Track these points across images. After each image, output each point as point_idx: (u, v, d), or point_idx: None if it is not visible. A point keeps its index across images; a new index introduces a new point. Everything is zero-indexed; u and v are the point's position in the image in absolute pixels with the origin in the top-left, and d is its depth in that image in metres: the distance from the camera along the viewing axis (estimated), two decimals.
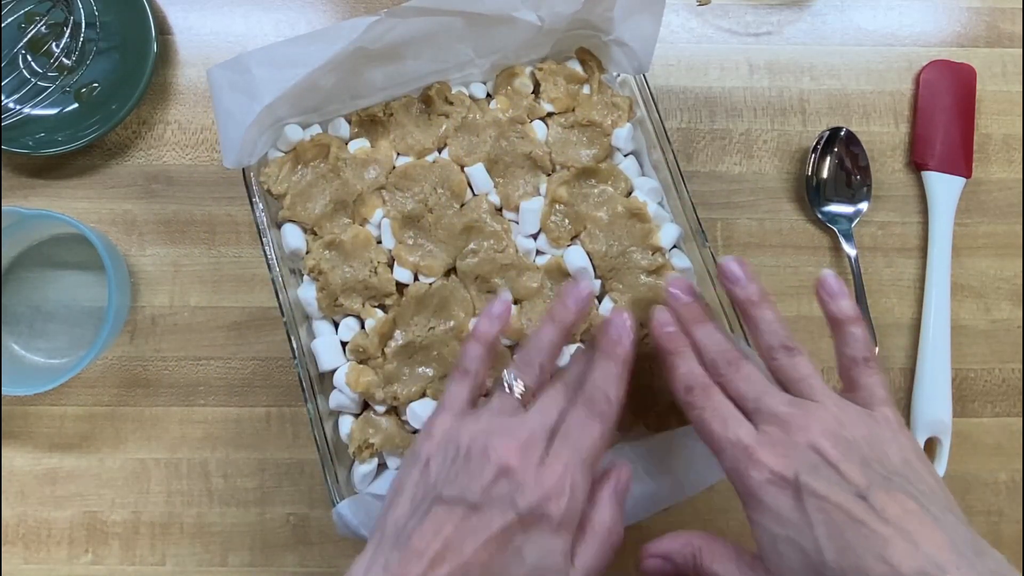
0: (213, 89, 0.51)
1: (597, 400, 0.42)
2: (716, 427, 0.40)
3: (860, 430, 0.39)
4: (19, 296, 0.62)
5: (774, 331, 0.43)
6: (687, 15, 0.68)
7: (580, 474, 0.40)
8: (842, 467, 0.37)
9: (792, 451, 0.38)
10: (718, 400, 0.41)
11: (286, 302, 0.52)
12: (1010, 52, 0.67)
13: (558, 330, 0.45)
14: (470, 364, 0.44)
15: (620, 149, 0.57)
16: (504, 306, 0.46)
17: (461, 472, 0.39)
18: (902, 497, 0.36)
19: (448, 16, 0.52)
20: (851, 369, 0.42)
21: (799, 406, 0.40)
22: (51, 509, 0.59)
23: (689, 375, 0.43)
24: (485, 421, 0.41)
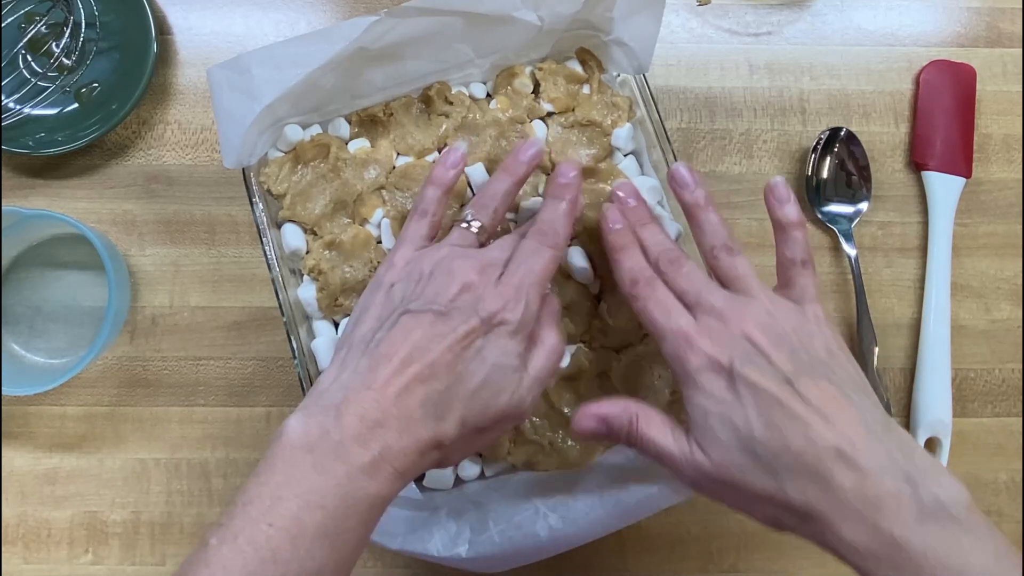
0: (213, 89, 0.51)
1: (547, 232, 0.45)
2: (659, 316, 0.43)
3: (790, 323, 0.42)
4: (19, 296, 0.62)
5: (716, 232, 0.46)
6: (687, 15, 0.68)
7: (533, 291, 0.43)
8: (772, 355, 0.40)
9: (728, 340, 0.41)
10: (661, 292, 0.44)
11: (286, 302, 0.52)
12: (1010, 52, 0.67)
13: (512, 179, 0.48)
14: (428, 205, 0.48)
15: (620, 149, 0.57)
16: (458, 154, 0.49)
17: (427, 288, 0.43)
18: (824, 383, 0.40)
19: (448, 16, 0.52)
20: (789, 269, 0.45)
21: (735, 300, 0.43)
22: (51, 509, 0.59)
23: (635, 269, 0.46)
24: (446, 250, 0.45)
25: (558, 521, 0.50)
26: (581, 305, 0.53)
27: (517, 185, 0.49)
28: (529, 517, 0.49)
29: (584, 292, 0.54)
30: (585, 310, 0.53)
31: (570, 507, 0.50)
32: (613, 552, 0.59)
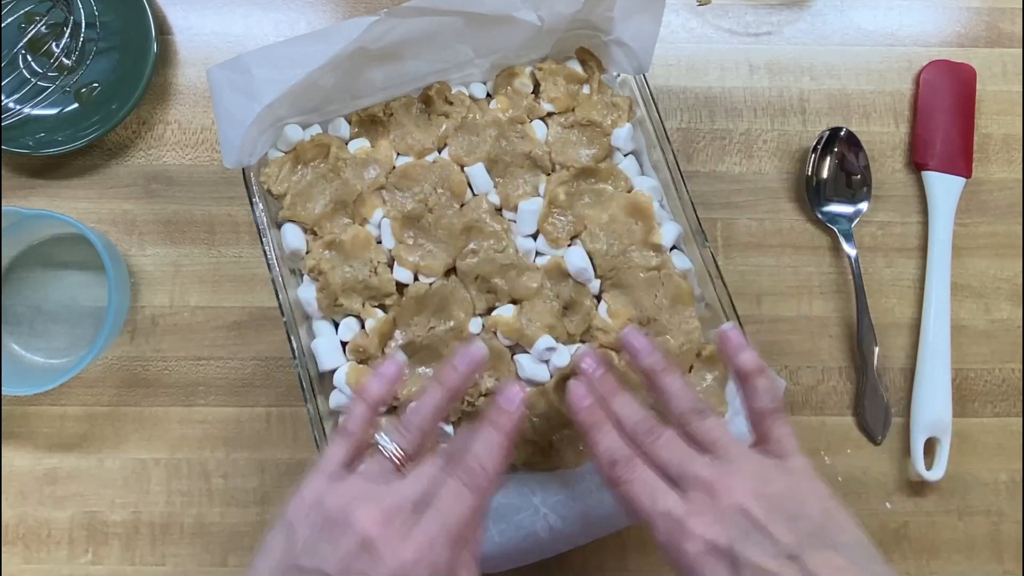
0: (213, 89, 0.51)
1: (474, 471, 0.41)
2: (645, 501, 0.40)
3: (780, 483, 0.40)
4: (19, 296, 0.62)
5: (682, 396, 0.43)
6: (687, 15, 0.68)
7: (444, 549, 0.38)
8: (771, 528, 0.38)
9: (722, 517, 0.38)
10: (643, 472, 0.41)
11: (286, 302, 0.52)
12: (1010, 52, 0.67)
13: (444, 393, 0.44)
14: (353, 425, 0.43)
15: (620, 149, 0.57)
16: (396, 367, 0.45)
17: (323, 541, 0.38)
18: (830, 554, 0.37)
19: (448, 16, 0.52)
20: (761, 421, 0.43)
21: (720, 468, 0.40)
22: (51, 509, 0.59)
23: (612, 449, 0.42)
24: (355, 486, 0.40)
25: (558, 521, 0.50)
26: (581, 305, 0.53)
27: (451, 399, 0.44)
28: (529, 517, 0.49)
29: (584, 292, 0.54)
30: (585, 310, 0.53)
31: (570, 507, 0.50)
32: (613, 552, 0.59)
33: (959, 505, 0.61)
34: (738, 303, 0.54)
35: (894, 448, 0.61)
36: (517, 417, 0.43)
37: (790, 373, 0.62)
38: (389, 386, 0.45)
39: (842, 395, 0.62)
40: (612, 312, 0.53)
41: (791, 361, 0.62)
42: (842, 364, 0.62)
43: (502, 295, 0.53)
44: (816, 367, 0.62)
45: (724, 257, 0.63)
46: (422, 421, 0.43)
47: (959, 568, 0.60)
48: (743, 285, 0.63)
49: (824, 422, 0.61)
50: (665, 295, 0.53)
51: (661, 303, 0.53)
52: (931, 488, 0.61)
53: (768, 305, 0.63)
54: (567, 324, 0.53)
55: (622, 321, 0.53)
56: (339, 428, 0.43)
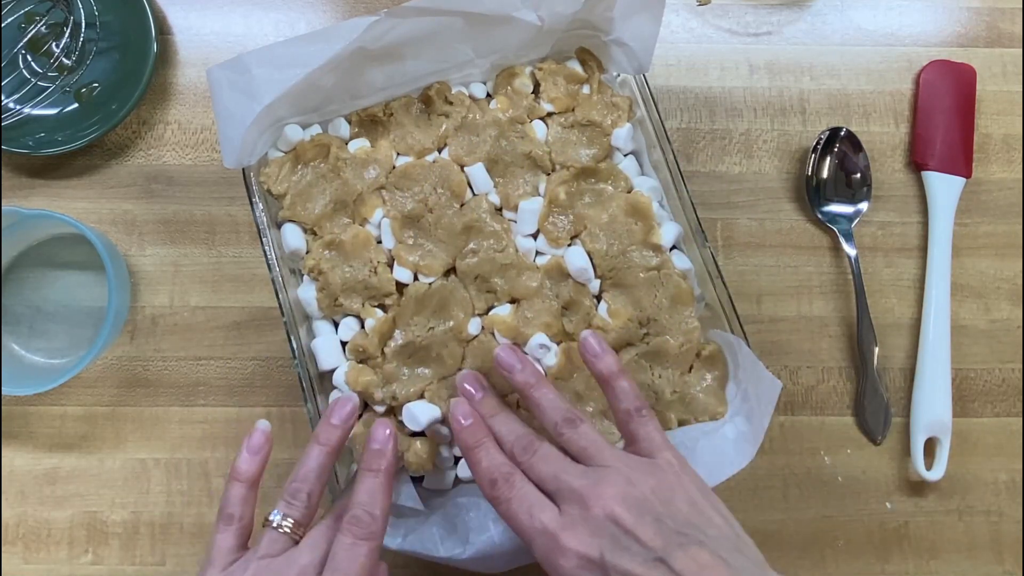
0: (213, 89, 0.51)
1: (361, 520, 0.42)
2: (523, 518, 0.41)
3: (648, 483, 0.41)
4: (19, 296, 0.62)
5: (554, 407, 0.45)
6: (687, 15, 0.68)
7: None
8: (638, 533, 0.39)
9: (593, 528, 0.39)
10: (521, 488, 0.42)
11: (286, 302, 0.52)
12: (1010, 52, 0.67)
13: (324, 452, 0.45)
14: (233, 508, 0.44)
15: (620, 149, 0.57)
16: (262, 437, 0.46)
17: None
18: (695, 551, 0.38)
19: (448, 16, 0.52)
20: (628, 423, 0.45)
21: (592, 476, 0.41)
22: (51, 509, 0.59)
23: (491, 467, 0.43)
24: (253, 569, 0.41)
25: None
26: (581, 305, 0.53)
27: (332, 456, 0.46)
28: None
29: (584, 292, 0.54)
30: (585, 310, 0.53)
31: None
32: None
33: (959, 505, 0.61)
34: (738, 303, 0.54)
35: (894, 448, 0.61)
36: (391, 455, 0.45)
37: (790, 373, 0.62)
38: (260, 458, 0.46)
39: (842, 395, 0.62)
40: (612, 312, 0.53)
41: (791, 361, 0.62)
42: (842, 364, 0.62)
43: (502, 295, 0.53)
44: (816, 367, 0.62)
45: (724, 257, 0.63)
46: (308, 485, 0.44)
47: (959, 568, 0.60)
48: (743, 285, 0.63)
49: (824, 422, 0.61)
50: (665, 295, 0.53)
51: (661, 303, 0.53)
52: (931, 488, 0.61)
53: (768, 305, 0.63)
54: (566, 324, 0.53)
55: (622, 321, 0.53)
56: (220, 515, 0.44)
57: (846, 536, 0.60)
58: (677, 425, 0.53)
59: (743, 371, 0.53)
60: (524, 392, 0.46)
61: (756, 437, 0.51)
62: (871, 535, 0.60)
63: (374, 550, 0.42)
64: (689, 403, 0.53)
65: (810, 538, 0.60)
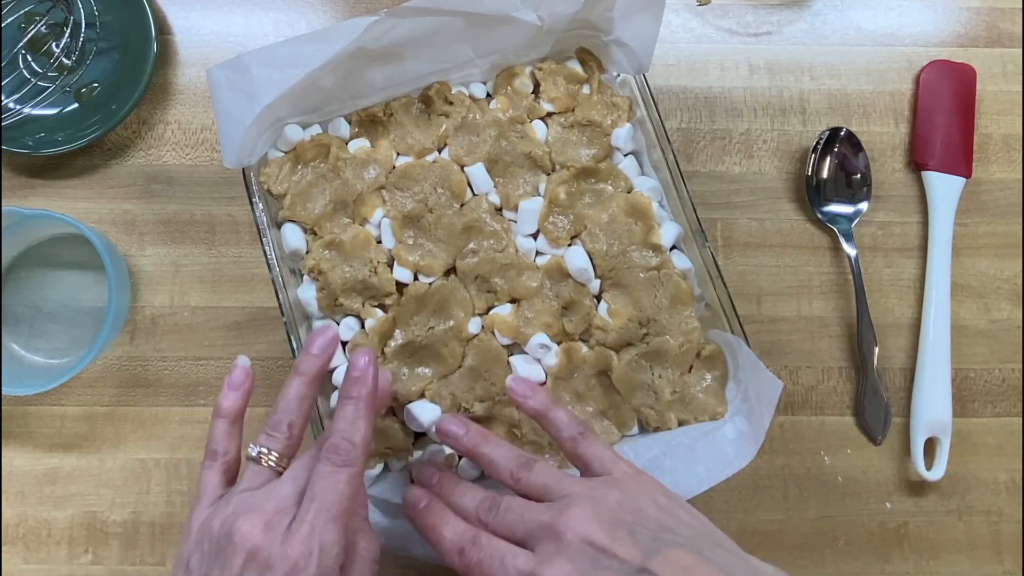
0: (213, 89, 0.51)
1: (340, 448, 0.42)
2: (496, 569, 0.40)
3: (612, 497, 0.41)
4: (19, 296, 0.62)
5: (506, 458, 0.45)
6: (687, 15, 0.68)
7: (330, 531, 0.39)
8: (616, 551, 0.39)
9: (569, 555, 0.39)
10: (488, 544, 0.41)
11: (286, 302, 0.52)
12: (1010, 52, 0.67)
13: (305, 382, 0.45)
14: (217, 444, 0.44)
15: (620, 149, 0.57)
16: (242, 374, 0.46)
17: (214, 566, 0.39)
18: (676, 553, 0.38)
19: (448, 16, 0.52)
20: (574, 449, 0.45)
21: (556, 507, 0.41)
22: (51, 509, 0.59)
23: (455, 539, 0.43)
24: (235, 502, 0.41)
25: None
26: (581, 305, 0.53)
27: (313, 385, 0.45)
28: None
29: (584, 292, 0.54)
30: (585, 310, 0.53)
31: None
32: None
33: (959, 505, 0.61)
34: (738, 303, 0.54)
35: (894, 448, 0.61)
36: (370, 382, 0.44)
37: (790, 373, 0.62)
38: (242, 395, 0.46)
39: (842, 395, 0.62)
40: (612, 312, 0.53)
41: (791, 361, 0.62)
42: (842, 364, 0.62)
43: (502, 295, 0.53)
44: (816, 367, 0.62)
45: (724, 257, 0.63)
46: (289, 416, 0.44)
47: (959, 568, 0.60)
48: (743, 285, 0.63)
49: (824, 422, 0.61)
50: (665, 295, 0.53)
51: (661, 303, 0.53)
52: (931, 488, 0.61)
53: (768, 305, 0.63)
54: (566, 324, 0.53)
55: (622, 321, 0.53)
56: (206, 452, 0.44)
57: (846, 536, 0.60)
58: (677, 425, 0.53)
59: (743, 371, 0.53)
60: (472, 454, 0.46)
61: (756, 437, 0.51)
62: (871, 535, 0.60)
63: (354, 477, 0.41)
64: (689, 403, 0.53)
65: (810, 538, 0.60)
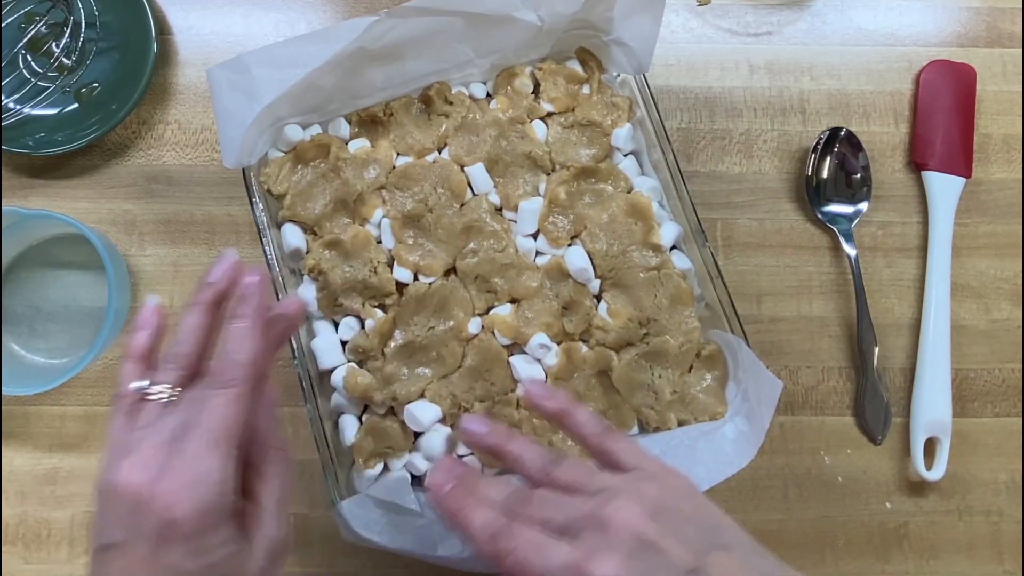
0: (213, 89, 0.51)
1: (224, 367, 0.39)
2: (535, 559, 0.37)
3: (652, 491, 0.39)
4: (19, 296, 0.62)
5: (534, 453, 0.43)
6: (687, 15, 0.68)
7: (211, 457, 0.37)
8: (664, 545, 0.37)
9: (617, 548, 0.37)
10: (525, 533, 0.38)
11: None
12: (1010, 52, 0.67)
13: (199, 311, 0.42)
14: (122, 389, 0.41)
15: (620, 149, 0.57)
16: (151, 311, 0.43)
17: (106, 513, 0.37)
18: (723, 557, 0.37)
19: (448, 16, 0.52)
20: (601, 445, 0.42)
21: (595, 500, 0.39)
22: (51, 509, 0.59)
23: (486, 524, 0.40)
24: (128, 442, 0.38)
25: None
26: (581, 305, 0.53)
27: (208, 313, 0.42)
28: None
29: (584, 292, 0.54)
30: (585, 310, 0.53)
31: None
32: None
33: (959, 505, 0.61)
34: (738, 303, 0.54)
35: (894, 448, 0.61)
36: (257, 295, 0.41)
37: (790, 373, 0.62)
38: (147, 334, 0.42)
39: (842, 395, 0.62)
40: (612, 312, 0.53)
41: (791, 361, 0.62)
42: (842, 364, 0.62)
43: (502, 295, 0.53)
44: (816, 367, 0.62)
45: (724, 257, 0.63)
46: (185, 346, 0.41)
47: (959, 568, 0.60)
48: (743, 285, 0.63)
49: (824, 422, 0.61)
50: (665, 295, 0.53)
51: (661, 303, 0.53)
52: (931, 488, 0.61)
53: (768, 305, 0.63)
54: (566, 324, 0.53)
55: (622, 321, 0.53)
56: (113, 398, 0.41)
57: (846, 536, 0.60)
58: (677, 425, 0.53)
59: (743, 371, 0.53)
60: (498, 451, 0.44)
61: (756, 437, 0.51)
62: (871, 535, 0.60)
63: (239, 398, 0.38)
64: (689, 403, 0.53)
65: (810, 538, 0.60)
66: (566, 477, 0.41)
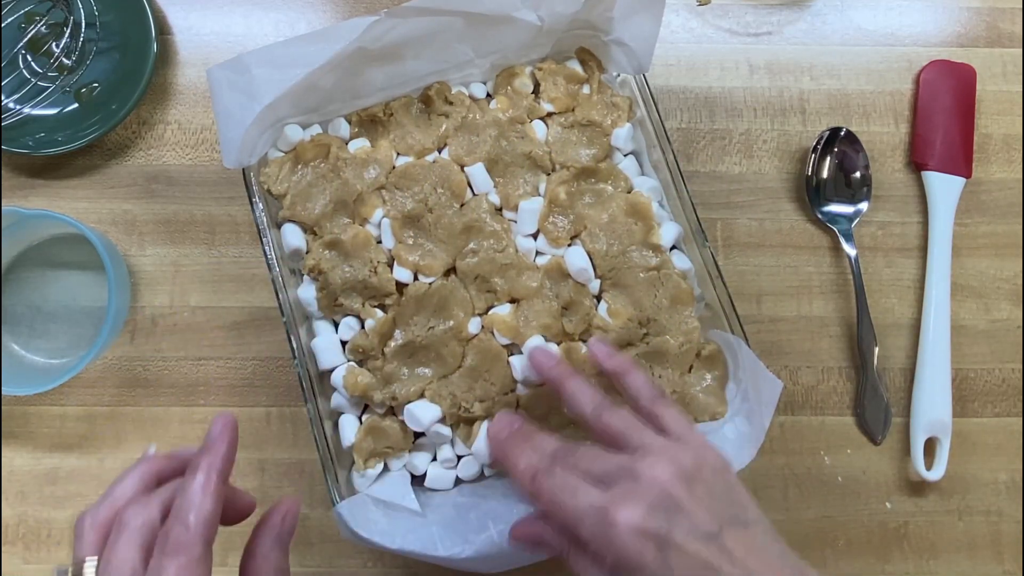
0: (213, 89, 0.51)
1: (174, 532, 0.36)
2: (567, 499, 0.41)
3: (689, 458, 0.41)
4: (19, 296, 0.62)
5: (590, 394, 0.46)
6: (687, 15, 0.68)
7: None
8: (690, 507, 0.39)
9: (644, 497, 0.39)
10: (563, 476, 0.42)
11: (286, 302, 0.52)
12: (1010, 52, 0.67)
13: (138, 475, 0.39)
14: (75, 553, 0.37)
15: (620, 149, 0.57)
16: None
17: None
18: (742, 531, 0.40)
19: (448, 16, 0.52)
20: (652, 408, 0.45)
21: (635, 454, 0.42)
22: (51, 509, 0.59)
23: (530, 465, 0.43)
24: None
25: None
26: (581, 305, 0.53)
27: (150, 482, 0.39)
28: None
29: (584, 292, 0.54)
30: (585, 310, 0.53)
31: None
32: None
33: (959, 505, 0.61)
34: (738, 303, 0.54)
35: (894, 448, 0.61)
36: (222, 451, 0.38)
37: (790, 373, 0.62)
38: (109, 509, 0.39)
39: (842, 395, 0.62)
40: (612, 312, 0.53)
41: (791, 361, 0.62)
42: (842, 364, 0.62)
43: (502, 295, 0.53)
44: (816, 367, 0.62)
45: (724, 257, 0.63)
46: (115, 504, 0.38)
47: (959, 568, 0.60)
48: (743, 285, 0.63)
49: (824, 422, 0.61)
50: (665, 295, 0.53)
51: (661, 303, 0.53)
52: (931, 488, 0.61)
53: (768, 305, 0.63)
54: (566, 324, 0.53)
55: (622, 321, 0.53)
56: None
57: (846, 536, 0.60)
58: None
59: (743, 371, 0.53)
60: (559, 385, 0.47)
61: (756, 437, 0.51)
62: (871, 535, 0.60)
63: (187, 566, 0.35)
64: (689, 403, 0.53)
65: (810, 538, 0.60)
66: (615, 425, 0.44)
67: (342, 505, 0.49)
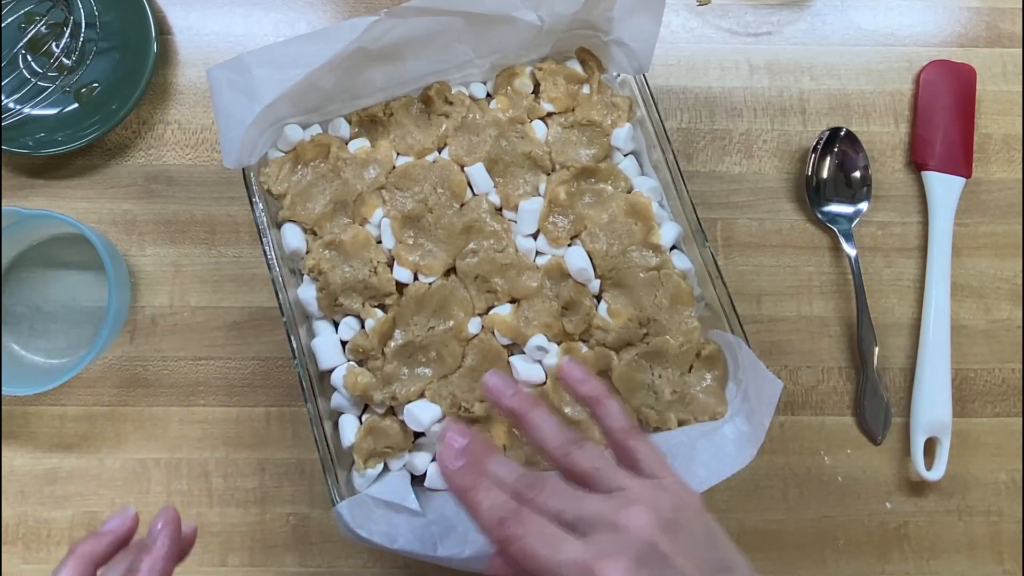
0: (213, 89, 0.51)
1: None
2: (544, 551, 0.37)
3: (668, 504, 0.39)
4: (19, 296, 0.62)
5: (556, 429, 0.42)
6: (687, 15, 0.68)
7: None
8: (677, 561, 0.37)
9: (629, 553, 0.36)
10: (536, 522, 0.38)
11: (286, 302, 0.52)
12: (1010, 52, 0.67)
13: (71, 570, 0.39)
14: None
15: (620, 149, 0.57)
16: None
17: None
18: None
19: (448, 16, 0.52)
20: (625, 441, 0.42)
21: (612, 500, 0.38)
22: (51, 509, 0.59)
23: (496, 507, 0.39)
24: None
25: None
26: (581, 305, 0.53)
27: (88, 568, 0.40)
28: None
29: (584, 292, 0.54)
30: (585, 310, 0.53)
31: None
32: None
33: (959, 505, 0.61)
34: (738, 303, 0.54)
35: (894, 448, 0.61)
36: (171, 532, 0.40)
37: (790, 373, 0.62)
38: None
39: (842, 395, 0.62)
40: (612, 312, 0.53)
41: (791, 361, 0.62)
42: (842, 364, 0.62)
43: (502, 295, 0.53)
44: (816, 367, 0.62)
45: (724, 257, 0.63)
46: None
47: (959, 568, 0.60)
48: (743, 285, 0.63)
49: (824, 422, 0.61)
50: (665, 295, 0.53)
51: (661, 303, 0.53)
52: (931, 488, 0.61)
53: (768, 305, 0.63)
54: (566, 324, 0.53)
55: (622, 321, 0.53)
56: None
57: (846, 536, 0.60)
58: (677, 425, 0.53)
59: (743, 371, 0.53)
60: (519, 416, 0.42)
61: (756, 437, 0.51)
62: (871, 535, 0.60)
63: None
64: (689, 403, 0.53)
65: (810, 538, 0.60)
66: (584, 464, 0.40)
67: (342, 505, 0.49)
